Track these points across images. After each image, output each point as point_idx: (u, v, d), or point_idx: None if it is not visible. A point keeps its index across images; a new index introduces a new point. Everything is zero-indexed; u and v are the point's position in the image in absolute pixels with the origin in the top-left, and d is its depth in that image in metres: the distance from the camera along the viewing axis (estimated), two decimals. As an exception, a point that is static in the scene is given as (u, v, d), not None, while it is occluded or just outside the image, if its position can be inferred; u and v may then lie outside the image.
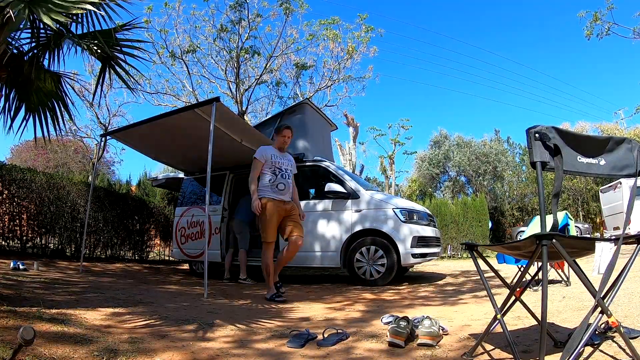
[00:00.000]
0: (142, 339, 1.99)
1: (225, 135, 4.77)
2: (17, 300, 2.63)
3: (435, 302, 3.42)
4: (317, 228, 4.94)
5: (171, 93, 12.03)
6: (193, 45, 10.85)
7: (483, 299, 3.41)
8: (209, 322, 2.43)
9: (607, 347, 1.79)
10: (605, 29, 10.18)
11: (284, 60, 11.94)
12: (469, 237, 11.78)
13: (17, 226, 5.94)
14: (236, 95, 11.10)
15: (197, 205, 6.01)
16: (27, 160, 17.33)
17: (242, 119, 5.86)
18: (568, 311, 2.63)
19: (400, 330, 1.95)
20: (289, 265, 5.56)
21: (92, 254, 6.93)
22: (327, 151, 6.52)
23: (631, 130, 20.62)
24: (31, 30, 2.86)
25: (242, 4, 10.30)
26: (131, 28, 3.32)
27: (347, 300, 3.56)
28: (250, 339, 2.12)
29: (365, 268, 4.62)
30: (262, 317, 2.72)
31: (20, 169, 6.25)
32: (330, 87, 12.28)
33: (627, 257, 1.56)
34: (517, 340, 1.97)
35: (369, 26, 11.35)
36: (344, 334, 2.13)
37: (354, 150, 13.13)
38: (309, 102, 6.32)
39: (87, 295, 3.30)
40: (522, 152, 24.75)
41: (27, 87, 2.98)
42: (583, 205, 17.69)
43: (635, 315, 2.32)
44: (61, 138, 12.84)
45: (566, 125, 23.69)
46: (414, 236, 4.55)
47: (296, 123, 5.74)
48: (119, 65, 3.25)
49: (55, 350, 1.67)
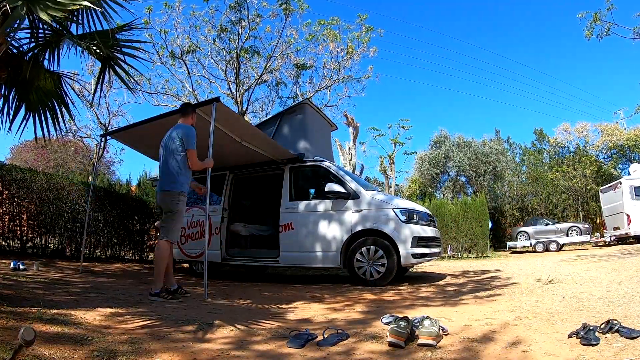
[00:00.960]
0: (141, 339, 1.99)
1: (225, 136, 4.77)
2: (17, 300, 2.63)
3: (436, 302, 3.42)
4: (318, 228, 4.94)
5: (171, 93, 12.03)
6: (193, 46, 10.85)
7: (484, 300, 3.41)
8: (208, 323, 2.43)
9: (607, 347, 1.78)
10: (605, 29, 10.17)
11: (284, 60, 11.94)
12: (469, 237, 11.78)
13: (17, 226, 5.93)
14: (236, 95, 11.10)
15: (197, 205, 6.01)
16: (27, 160, 17.31)
17: (242, 119, 5.84)
18: (568, 311, 2.62)
19: (400, 330, 1.95)
20: (289, 266, 5.58)
21: (92, 254, 6.93)
22: (327, 151, 6.52)
23: (631, 130, 20.60)
24: (30, 30, 2.86)
25: (242, 4, 10.30)
26: (131, 28, 3.32)
27: (347, 301, 3.55)
28: (250, 339, 2.12)
29: (365, 268, 4.62)
30: (262, 317, 2.72)
31: (21, 169, 6.24)
32: (330, 87, 12.29)
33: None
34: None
35: (368, 26, 11.36)
36: (344, 334, 2.12)
37: (354, 151, 13.13)
38: (309, 102, 6.32)
39: (87, 295, 3.30)
40: (522, 152, 24.79)
41: (27, 87, 2.98)
42: (583, 205, 17.68)
43: (635, 315, 2.32)
44: (61, 138, 12.86)
45: (566, 125, 23.71)
46: (414, 236, 4.55)
47: (296, 123, 5.75)
48: (119, 66, 3.25)
49: (55, 350, 1.67)
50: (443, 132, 21.31)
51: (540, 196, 17.81)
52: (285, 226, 5.11)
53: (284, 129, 5.79)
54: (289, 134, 5.73)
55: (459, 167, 19.42)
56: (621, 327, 1.93)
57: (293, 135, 5.68)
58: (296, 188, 5.39)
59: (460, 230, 11.81)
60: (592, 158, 19.36)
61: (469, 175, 19.35)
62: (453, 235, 11.72)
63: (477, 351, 1.85)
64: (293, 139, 5.64)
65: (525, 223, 15.42)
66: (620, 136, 20.52)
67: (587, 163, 18.24)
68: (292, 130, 5.73)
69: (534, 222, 14.51)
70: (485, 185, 18.65)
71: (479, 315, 2.70)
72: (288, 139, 5.68)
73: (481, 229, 11.89)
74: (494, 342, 1.99)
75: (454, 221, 11.90)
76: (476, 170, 18.86)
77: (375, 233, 4.66)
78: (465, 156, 19.10)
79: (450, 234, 11.69)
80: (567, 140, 23.45)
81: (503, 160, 19.36)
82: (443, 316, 2.65)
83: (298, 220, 5.06)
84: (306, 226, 5.01)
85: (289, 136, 5.71)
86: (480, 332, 2.19)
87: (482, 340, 2.02)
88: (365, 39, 11.34)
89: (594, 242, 13.24)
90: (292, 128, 5.73)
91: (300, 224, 5.04)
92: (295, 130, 5.70)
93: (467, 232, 11.79)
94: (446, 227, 11.62)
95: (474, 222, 11.88)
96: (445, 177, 21.07)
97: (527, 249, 13.30)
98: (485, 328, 2.28)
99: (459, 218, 11.93)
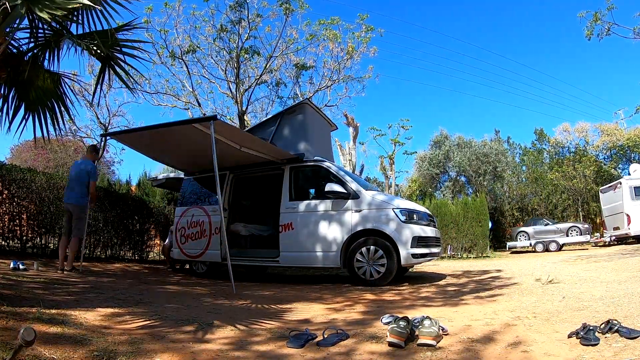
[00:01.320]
0: (141, 339, 1.99)
1: (225, 142, 4.82)
2: (17, 300, 2.62)
3: (436, 302, 3.41)
4: (318, 228, 4.94)
5: (171, 93, 12.02)
6: (193, 46, 10.83)
7: (485, 300, 3.41)
8: (208, 323, 2.43)
9: (607, 348, 1.78)
10: (606, 29, 10.18)
11: (284, 60, 11.92)
12: (469, 237, 11.79)
13: (17, 226, 5.94)
14: (236, 95, 11.09)
15: (197, 205, 6.01)
16: (27, 160, 17.30)
17: (239, 131, 5.91)
18: (568, 311, 2.62)
19: (400, 330, 1.95)
20: (289, 266, 5.58)
21: (92, 254, 6.93)
22: (327, 151, 6.52)
23: (631, 131, 20.60)
24: (30, 29, 2.86)
25: (242, 4, 10.28)
26: (131, 28, 3.32)
27: (348, 301, 3.55)
28: (249, 340, 2.12)
29: (365, 268, 4.62)
30: (262, 317, 2.72)
31: (20, 169, 6.24)
32: (330, 87, 12.26)
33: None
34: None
35: (369, 26, 11.34)
36: (343, 334, 2.12)
37: (354, 151, 13.12)
38: (309, 102, 6.31)
39: (87, 295, 3.30)
40: (522, 153, 24.78)
41: (27, 86, 2.97)
42: (583, 205, 17.68)
43: (635, 315, 2.32)
44: (61, 138, 12.86)
45: (566, 125, 23.71)
46: (414, 236, 4.55)
47: (296, 123, 5.75)
48: (119, 65, 3.25)
49: (55, 350, 1.67)
50: (443, 132, 21.32)
51: (540, 196, 17.81)
52: (285, 226, 5.11)
53: (284, 129, 5.79)
54: (289, 134, 5.73)
55: (459, 167, 19.42)
56: (621, 327, 1.93)
57: (293, 135, 5.68)
58: (296, 188, 5.39)
59: (460, 230, 11.81)
60: (592, 158, 19.36)
61: (469, 175, 19.35)
62: (453, 235, 11.73)
63: (477, 351, 1.85)
64: (293, 139, 5.64)
65: (525, 223, 15.42)
66: (620, 136, 20.53)
67: (587, 163, 18.23)
68: (292, 130, 5.72)
69: (534, 222, 14.52)
70: (485, 185, 18.65)
71: (479, 315, 2.70)
72: (288, 139, 5.68)
73: (481, 229, 11.89)
74: (494, 342, 1.99)
75: (454, 221, 11.91)
76: (476, 171, 18.86)
77: (375, 233, 4.66)
78: (465, 156, 19.10)
79: (450, 234, 11.70)
80: (567, 141, 23.49)
81: (503, 160, 19.36)
82: (444, 316, 2.65)
83: (298, 220, 5.06)
84: (306, 226, 5.01)
85: (289, 136, 5.71)
86: (480, 332, 2.19)
87: (482, 340, 2.02)
88: (365, 38, 11.32)
89: (594, 242, 13.24)
90: (292, 128, 5.73)
91: (300, 224, 5.04)
92: (295, 130, 5.69)
93: (467, 232, 11.79)
94: (446, 227, 11.62)
95: (474, 222, 11.88)
96: (445, 177, 21.07)
97: (527, 249, 13.31)
98: (485, 328, 2.28)
99: (459, 218, 11.93)
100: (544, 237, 12.99)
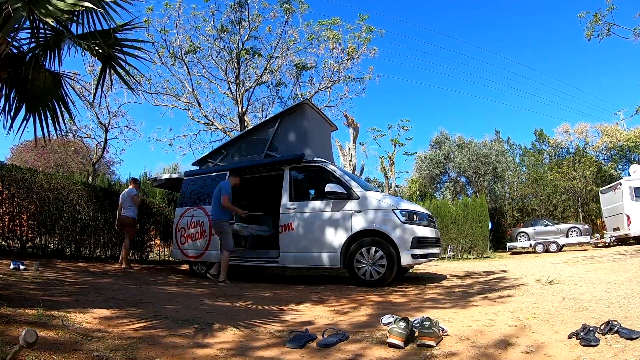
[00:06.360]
0: (141, 340, 1.99)
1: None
2: (16, 300, 2.62)
3: (444, 304, 3.31)
4: (318, 229, 4.93)
5: (171, 93, 12.03)
6: (193, 46, 10.84)
7: (494, 301, 3.33)
8: (208, 324, 2.42)
9: (606, 348, 1.78)
10: (606, 30, 10.20)
11: (284, 60, 11.93)
12: (469, 237, 11.78)
13: (17, 226, 5.93)
14: (236, 95, 11.10)
15: (197, 205, 6.00)
16: (27, 160, 17.31)
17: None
18: (567, 312, 2.62)
19: (400, 331, 1.94)
20: (289, 266, 5.57)
21: (92, 254, 6.93)
22: (327, 152, 6.51)
23: (631, 131, 20.59)
24: (31, 30, 2.86)
25: (243, 4, 10.30)
26: (132, 28, 3.31)
27: (352, 303, 3.49)
28: (250, 343, 2.12)
29: (365, 269, 4.62)
30: (263, 319, 2.70)
31: (21, 169, 6.24)
32: (330, 88, 12.27)
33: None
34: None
35: (369, 27, 11.35)
36: (343, 335, 2.12)
37: (354, 151, 13.11)
38: (309, 102, 6.31)
39: (86, 296, 3.29)
40: (522, 153, 24.77)
41: (27, 87, 2.97)
42: (583, 206, 17.68)
43: (635, 315, 2.32)
44: (61, 138, 12.83)
45: (566, 126, 23.70)
46: (414, 237, 4.54)
47: (296, 124, 5.75)
48: (119, 65, 3.24)
49: (55, 350, 1.67)
50: (443, 132, 21.29)
51: (540, 197, 17.81)
52: (285, 227, 5.11)
53: (284, 129, 5.79)
54: (289, 135, 5.73)
55: (459, 167, 19.39)
56: (621, 328, 1.93)
57: (293, 136, 5.68)
58: (296, 188, 5.39)
59: (460, 231, 11.80)
60: (592, 159, 19.34)
61: (469, 176, 19.33)
62: (453, 236, 11.71)
63: (476, 351, 1.85)
64: (293, 140, 5.64)
65: (525, 224, 15.41)
66: (620, 137, 20.51)
67: (587, 164, 18.22)
68: (292, 130, 5.72)
69: (534, 222, 14.51)
70: (485, 186, 18.63)
71: (479, 316, 2.70)
72: (288, 139, 5.68)
73: (481, 229, 11.88)
74: (493, 342, 1.99)
75: (454, 222, 11.89)
76: (476, 171, 18.84)
77: (375, 234, 4.66)
78: (466, 157, 19.09)
79: (450, 234, 11.68)
80: (567, 141, 23.46)
81: (503, 161, 19.33)
82: (445, 317, 2.64)
83: (298, 221, 5.06)
84: (306, 227, 5.01)
85: (289, 137, 5.71)
86: (480, 331, 2.19)
87: (482, 339, 2.02)
88: (365, 39, 11.33)
89: (594, 242, 13.24)
90: (292, 128, 5.73)
91: (300, 225, 5.04)
92: (295, 130, 5.70)
93: (467, 232, 11.78)
94: (446, 228, 11.61)
95: (474, 223, 11.87)
96: (445, 177, 21.05)
97: (527, 250, 13.30)
98: (485, 329, 2.28)
99: (459, 219, 11.92)
100: (544, 238, 12.99)
